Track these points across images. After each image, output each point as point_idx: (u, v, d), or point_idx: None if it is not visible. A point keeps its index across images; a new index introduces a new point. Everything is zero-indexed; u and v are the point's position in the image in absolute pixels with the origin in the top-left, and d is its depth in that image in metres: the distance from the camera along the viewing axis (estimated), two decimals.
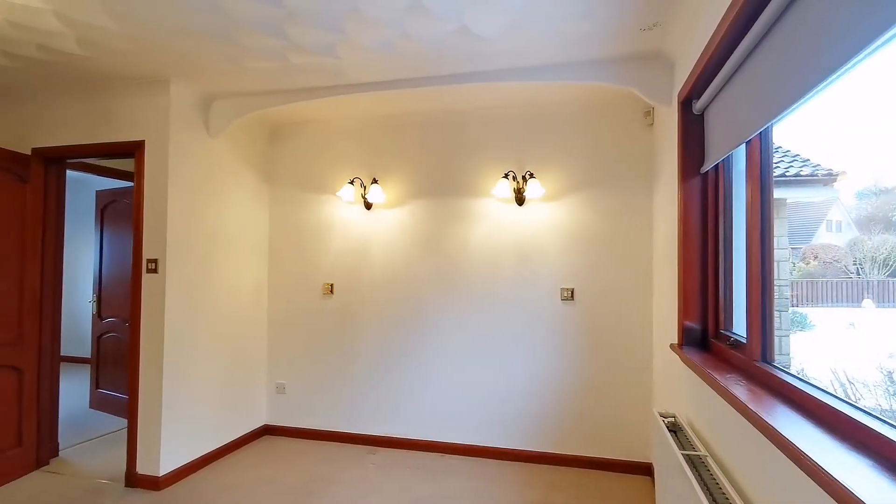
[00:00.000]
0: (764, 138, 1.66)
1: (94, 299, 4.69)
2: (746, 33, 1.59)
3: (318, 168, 4.00)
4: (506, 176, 3.45)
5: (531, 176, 3.41)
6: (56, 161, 3.44)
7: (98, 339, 4.69)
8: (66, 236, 3.59)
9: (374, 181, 3.76)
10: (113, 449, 3.69)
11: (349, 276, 3.89)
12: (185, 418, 3.24)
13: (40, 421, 3.34)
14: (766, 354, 1.66)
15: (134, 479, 3.09)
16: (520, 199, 3.50)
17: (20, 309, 3.21)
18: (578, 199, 3.45)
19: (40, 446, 3.34)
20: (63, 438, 3.69)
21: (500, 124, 3.60)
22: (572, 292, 3.43)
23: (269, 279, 4.10)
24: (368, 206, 3.83)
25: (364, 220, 3.87)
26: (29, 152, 3.34)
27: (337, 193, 3.84)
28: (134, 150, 3.19)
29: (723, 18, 1.67)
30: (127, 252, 4.45)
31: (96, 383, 4.70)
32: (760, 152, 1.68)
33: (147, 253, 3.15)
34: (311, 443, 3.87)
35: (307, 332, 3.99)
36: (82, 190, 5.96)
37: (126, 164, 4.28)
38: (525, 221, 3.53)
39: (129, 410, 3.15)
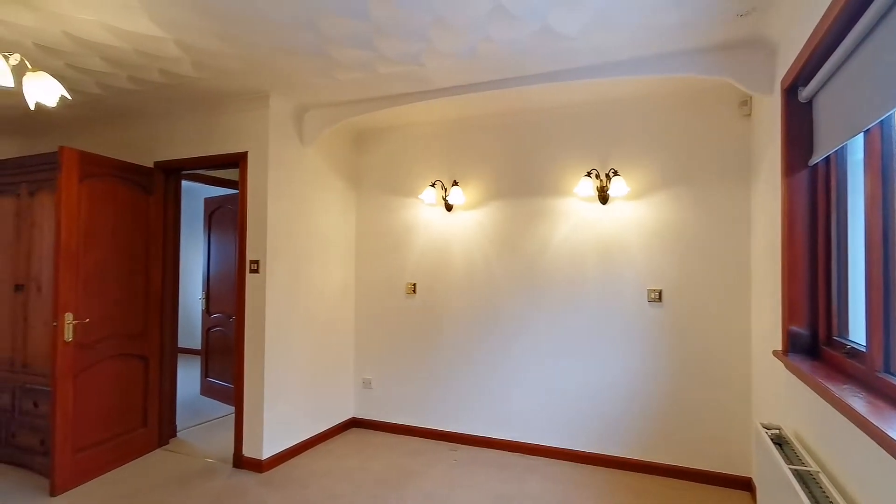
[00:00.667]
0: (886, 126, 1.51)
1: (204, 296, 5.18)
2: (865, 10, 1.46)
3: (400, 172, 4.14)
4: (588, 174, 3.38)
5: (615, 173, 3.32)
6: (173, 173, 3.85)
7: (207, 333, 5.17)
8: (180, 240, 4.00)
9: (455, 183, 3.83)
10: (222, 432, 4.05)
11: (431, 277, 4.00)
12: (283, 408, 3.49)
13: (161, 405, 3.75)
14: (890, 364, 1.51)
15: (240, 461, 3.38)
16: (603, 198, 3.42)
17: (146, 305, 3.62)
18: (666, 197, 3.30)
19: (162, 427, 3.75)
20: (179, 421, 4.12)
21: (582, 121, 3.53)
22: (660, 294, 3.29)
23: (356, 279, 4.30)
24: (449, 207, 3.91)
25: (445, 221, 3.96)
26: (151, 165, 3.76)
27: (419, 196, 3.95)
28: (238, 160, 3.49)
29: None
30: (231, 253, 4.88)
31: (206, 372, 5.18)
32: (882, 141, 1.53)
33: (250, 254, 3.43)
34: (395, 437, 4.02)
35: (391, 330, 4.14)
36: (192, 198, 6.60)
37: (230, 174, 4.69)
38: (609, 220, 3.44)
39: (235, 399, 3.45)
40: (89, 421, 3.17)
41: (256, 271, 3.40)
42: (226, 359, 4.93)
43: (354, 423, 4.25)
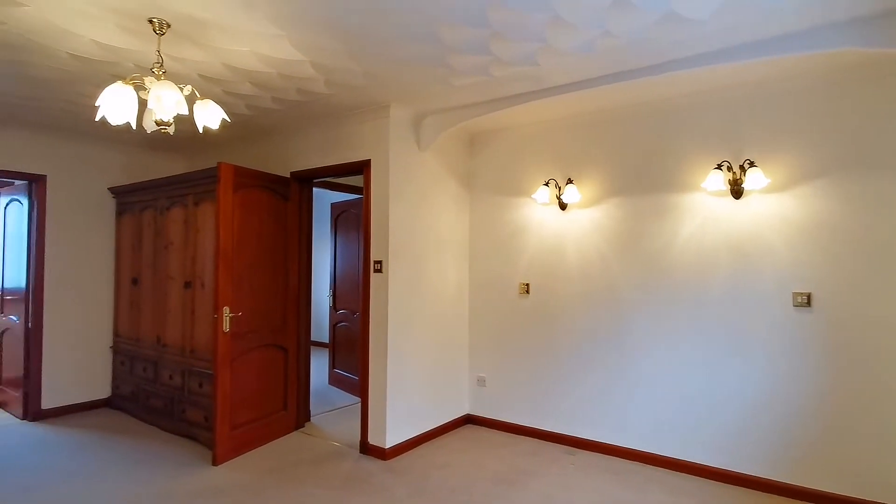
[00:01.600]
0: None
1: (331, 294, 5.63)
2: None
3: (513, 172, 4.16)
4: (719, 167, 3.12)
5: (751, 164, 3.03)
6: (306, 181, 4.24)
7: (333, 328, 5.61)
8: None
9: (570, 181, 3.75)
10: (348, 420, 4.38)
11: (545, 276, 3.96)
12: (404, 401, 3.69)
13: (298, 392, 4.15)
14: None
15: (366, 448, 3.63)
16: (736, 192, 3.14)
17: (285, 301, 4.03)
18: (815, 188, 2.94)
19: (298, 412, 4.15)
20: (312, 407, 4.52)
21: (707, 111, 3.27)
22: (808, 297, 2.94)
23: (470, 278, 4.40)
24: (563, 206, 3.85)
25: (559, 220, 3.90)
26: (288, 175, 4.18)
27: (532, 196, 3.94)
28: (363, 167, 3.75)
29: None
30: (354, 254, 5.24)
31: (333, 364, 5.63)
32: None
33: (374, 255, 3.67)
34: (509, 436, 4.04)
35: (505, 330, 4.17)
36: (320, 203, 7.20)
37: (355, 181, 5.04)
38: (744, 216, 3.15)
39: (361, 390, 3.71)
40: (242, 402, 3.61)
41: (380, 271, 3.63)
42: (350, 352, 5.32)
43: (469, 420, 4.35)
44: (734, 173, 3.13)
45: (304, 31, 2.44)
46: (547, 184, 3.84)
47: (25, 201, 4.50)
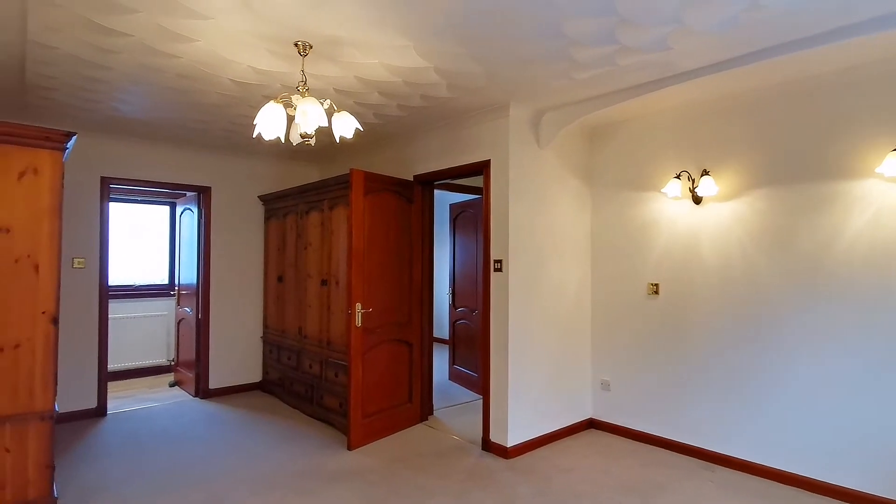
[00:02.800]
0: None
1: (450, 292, 5.79)
2: None
3: (638, 166, 3.93)
4: None
5: None
6: (428, 183, 4.40)
7: (453, 325, 5.76)
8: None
9: (705, 172, 3.45)
10: (469, 416, 4.47)
11: (676, 276, 3.68)
12: (525, 400, 3.67)
13: (423, 385, 4.33)
14: None
15: (488, 445, 3.68)
16: None
17: (409, 298, 4.23)
18: None
19: (422, 405, 4.33)
20: (434, 402, 4.68)
21: (876, 85, 2.79)
22: None
23: (592, 278, 4.24)
24: (698, 200, 3.54)
25: (692, 215, 3.60)
26: (411, 179, 4.38)
27: (661, 190, 3.68)
28: (482, 168, 3.80)
29: None
30: (472, 253, 5.33)
31: (452, 360, 5.78)
32: None
33: (494, 254, 3.70)
34: (635, 443, 3.82)
35: (631, 332, 3.96)
36: (438, 204, 7.43)
37: (473, 181, 5.12)
38: None
39: (482, 388, 3.76)
40: (372, 393, 3.86)
41: (500, 270, 3.65)
42: (470, 349, 5.42)
43: (592, 424, 4.19)
44: None
45: (429, 39, 2.53)
46: (678, 176, 3.56)
47: (195, 210, 5.25)
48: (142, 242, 6.32)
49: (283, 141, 2.70)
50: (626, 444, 3.83)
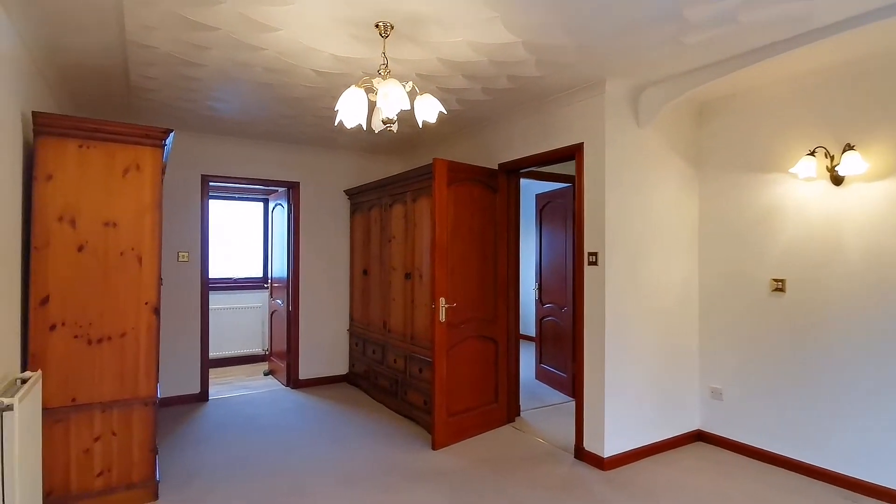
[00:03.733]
0: None
1: (536, 287, 5.50)
2: None
3: (758, 143, 3.41)
4: None
5: None
6: (513, 172, 4.16)
7: (540, 322, 5.48)
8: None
9: (849, 147, 2.89)
10: (558, 419, 4.19)
11: (808, 271, 3.15)
12: (623, 406, 3.33)
13: (509, 385, 4.11)
14: None
15: (581, 454, 3.38)
16: None
17: (494, 293, 4.02)
18: None
19: (509, 406, 4.11)
20: (521, 402, 4.44)
21: None
22: None
23: (700, 272, 3.77)
24: (838, 180, 2.99)
25: (830, 198, 3.04)
26: (495, 167, 4.16)
27: (790, 170, 3.16)
28: (573, 152, 3.49)
29: None
30: (560, 246, 5.01)
31: (539, 359, 5.50)
32: None
33: (588, 246, 3.39)
34: (751, 462, 3.34)
35: (749, 334, 3.46)
36: (524, 194, 7.14)
37: (563, 168, 4.79)
38: None
39: (575, 392, 3.47)
40: (457, 391, 3.70)
41: (595, 263, 3.33)
42: (558, 347, 5.11)
43: (699, 437, 3.74)
44: None
45: (517, 8, 2.30)
46: (813, 153, 3.03)
47: (285, 205, 5.41)
48: (240, 238, 6.67)
49: (364, 128, 2.60)
50: (741, 462, 3.36)
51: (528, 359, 6.18)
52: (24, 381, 2.26)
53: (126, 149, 2.77)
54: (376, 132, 2.64)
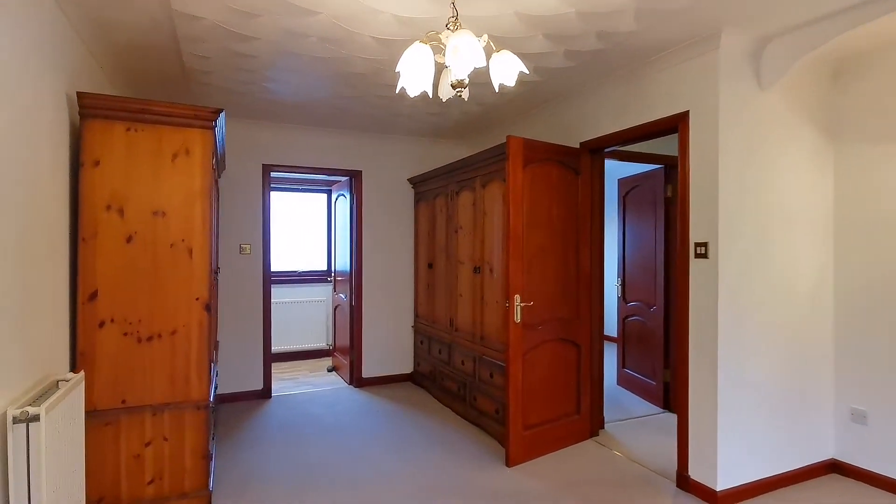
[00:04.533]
0: None
1: (619, 283, 4.92)
2: None
3: None
4: None
5: None
6: (597, 151, 3.63)
7: (623, 321, 4.89)
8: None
9: None
10: (649, 435, 3.64)
11: None
12: (740, 428, 2.75)
13: (592, 394, 3.61)
14: None
15: (685, 483, 2.84)
16: None
17: (576, 290, 3.53)
18: None
19: (592, 417, 3.62)
20: (605, 413, 3.92)
21: None
22: None
23: (836, 267, 3.09)
24: None
25: None
26: (577, 146, 3.64)
27: None
28: (676, 123, 2.92)
29: None
30: (648, 237, 4.40)
31: (622, 363, 4.92)
32: None
33: (695, 235, 2.82)
34: None
35: None
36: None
37: (651, 147, 4.18)
38: None
39: (677, 405, 2.93)
40: (534, 401, 3.26)
41: (704, 256, 2.76)
42: (644, 351, 4.53)
43: (834, 468, 3.07)
44: None
45: None
46: None
47: (348, 195, 5.17)
48: (305, 231, 6.55)
49: (430, 95, 2.21)
50: (889, 502, 2.69)
51: (608, 362, 5.58)
52: (68, 383, 2.08)
53: (175, 132, 2.55)
54: (444, 100, 2.24)
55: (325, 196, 6.64)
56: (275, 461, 3.25)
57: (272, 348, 5.79)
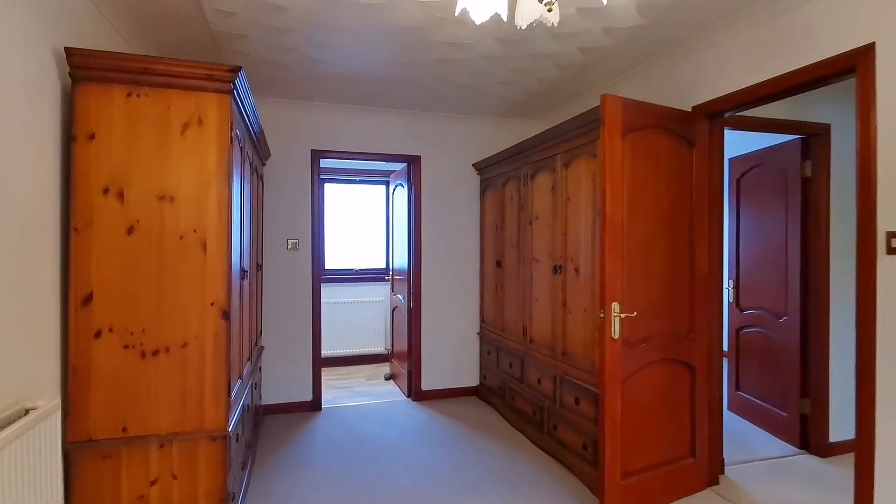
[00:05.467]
0: None
1: (732, 285, 4.01)
2: None
3: None
4: None
5: None
6: (715, 117, 2.80)
7: (737, 332, 3.98)
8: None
9: None
10: (787, 485, 2.77)
11: None
12: None
13: (711, 431, 2.80)
14: None
15: None
16: None
17: (691, 295, 2.73)
18: None
19: (711, 461, 2.80)
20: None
21: None
22: None
23: None
24: None
25: None
26: (689, 110, 2.83)
27: None
28: (851, 64, 2.06)
29: None
30: (776, 230, 3.49)
31: (735, 384, 4.00)
32: None
33: (885, 222, 1.96)
34: None
35: None
36: None
37: (774, 111, 3.25)
38: None
39: (857, 457, 2.08)
40: (636, 440, 2.51)
41: None
42: (768, 371, 3.60)
43: None
44: None
45: None
46: None
47: (405, 185, 4.61)
48: (362, 225, 6.08)
49: (504, 17, 1.55)
50: None
51: None
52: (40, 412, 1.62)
53: (185, 96, 2.06)
54: (522, 27, 1.56)
55: (383, 188, 6.14)
56: (314, 495, 2.72)
57: (328, 352, 5.39)
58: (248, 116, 2.57)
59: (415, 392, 4.42)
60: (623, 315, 2.41)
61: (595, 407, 2.72)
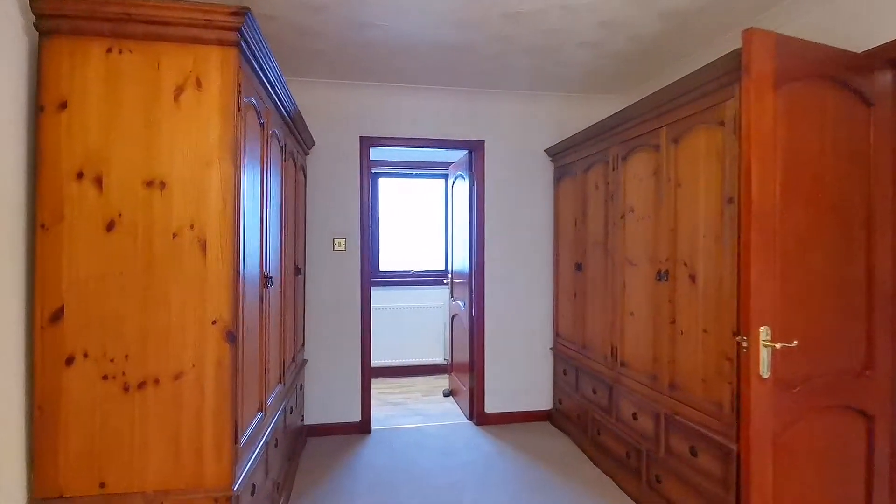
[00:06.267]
0: None
1: None
2: None
3: None
4: None
5: None
6: None
7: None
8: None
9: None
10: None
11: None
12: None
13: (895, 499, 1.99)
14: None
15: None
16: None
17: (867, 313, 1.94)
18: None
19: None
20: None
21: None
22: None
23: None
24: None
25: None
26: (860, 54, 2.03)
27: None
28: None
29: None
30: None
31: None
32: None
33: None
34: None
35: None
36: None
37: None
38: None
39: None
40: None
41: None
42: None
43: None
44: None
45: None
46: None
47: (466, 176, 4.02)
48: (421, 223, 5.56)
49: None
50: None
51: None
52: None
53: (178, 51, 1.58)
54: None
55: (442, 182, 5.59)
56: None
57: (381, 362, 4.92)
58: (269, 81, 2.07)
59: (477, 414, 3.82)
60: (777, 346, 1.68)
61: (723, 464, 2.00)
